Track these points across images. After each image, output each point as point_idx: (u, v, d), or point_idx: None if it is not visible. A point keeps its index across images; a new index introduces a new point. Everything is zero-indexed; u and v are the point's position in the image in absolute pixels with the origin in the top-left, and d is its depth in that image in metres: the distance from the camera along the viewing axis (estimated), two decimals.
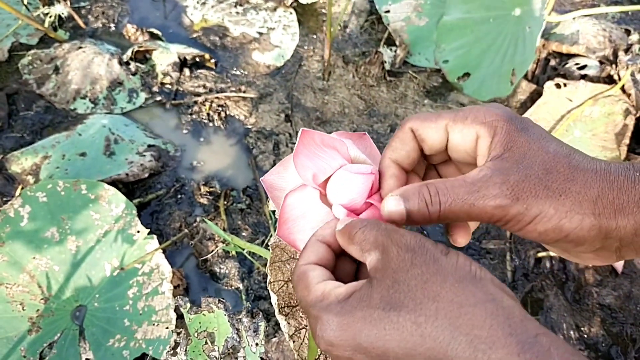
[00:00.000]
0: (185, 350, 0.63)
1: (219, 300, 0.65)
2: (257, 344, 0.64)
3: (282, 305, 0.59)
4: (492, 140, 0.37)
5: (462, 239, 0.41)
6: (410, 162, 0.42)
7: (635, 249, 0.36)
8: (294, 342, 0.59)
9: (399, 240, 0.35)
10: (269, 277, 0.59)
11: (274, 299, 0.59)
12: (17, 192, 1.27)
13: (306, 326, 0.61)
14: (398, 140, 0.41)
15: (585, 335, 1.21)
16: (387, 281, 0.33)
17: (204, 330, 0.65)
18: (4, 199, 1.30)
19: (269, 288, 0.58)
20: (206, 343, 0.64)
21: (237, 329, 0.62)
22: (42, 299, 1.14)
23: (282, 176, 0.46)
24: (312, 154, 0.43)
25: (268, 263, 0.60)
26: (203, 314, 0.64)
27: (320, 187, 0.44)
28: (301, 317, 0.60)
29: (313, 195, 0.43)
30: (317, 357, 0.59)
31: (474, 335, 0.29)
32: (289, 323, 0.59)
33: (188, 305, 0.63)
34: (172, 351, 0.64)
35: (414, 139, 0.41)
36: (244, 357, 0.63)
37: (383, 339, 0.31)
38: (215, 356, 0.63)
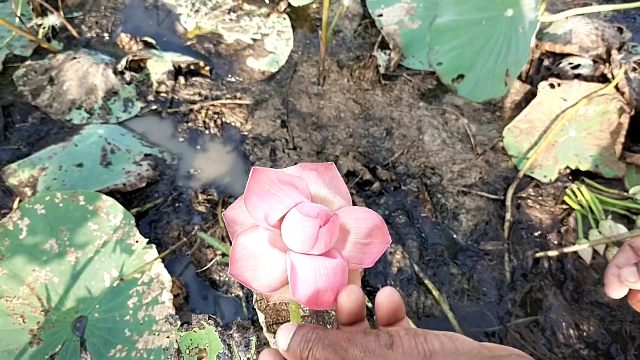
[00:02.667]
0: None
1: (209, 316, 0.65)
2: (248, 359, 0.64)
3: (270, 323, 0.59)
4: None
5: None
6: None
7: None
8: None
9: (345, 357, 0.36)
10: (255, 296, 0.59)
11: (261, 317, 0.59)
12: (15, 205, 1.27)
13: None
14: None
15: (585, 334, 1.21)
16: None
17: (196, 347, 0.65)
18: (2, 211, 1.30)
19: (255, 307, 0.58)
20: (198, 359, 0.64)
21: (229, 345, 0.62)
22: (42, 311, 1.14)
23: (243, 210, 0.44)
24: (265, 193, 0.42)
25: None
26: (194, 331, 0.64)
27: (276, 226, 0.43)
28: None
29: (263, 237, 0.42)
30: None
31: None
32: None
33: (178, 322, 0.63)
34: None
35: None
36: None
37: None
38: None
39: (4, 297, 1.13)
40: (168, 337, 1.11)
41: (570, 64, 1.62)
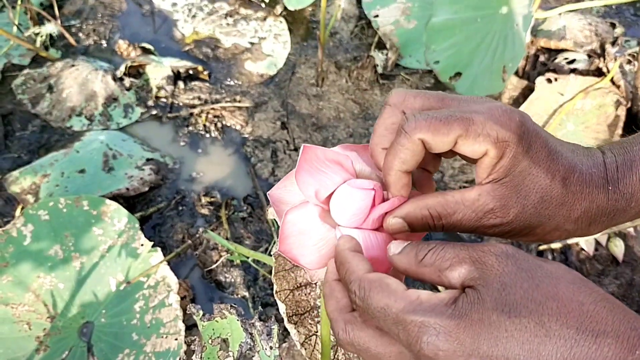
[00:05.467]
0: (201, 358, 0.63)
1: (231, 305, 0.65)
2: (271, 347, 0.64)
3: (291, 314, 0.59)
4: (497, 163, 0.38)
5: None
6: (416, 165, 0.42)
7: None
8: (305, 349, 0.59)
9: (492, 249, 0.34)
10: (275, 287, 0.59)
11: (282, 307, 0.59)
12: (18, 212, 1.27)
13: (316, 333, 0.61)
14: (408, 152, 0.40)
15: None
16: (495, 285, 0.32)
17: (218, 337, 0.65)
18: (4, 219, 1.29)
19: (275, 297, 0.58)
20: (221, 349, 0.64)
21: (251, 334, 0.63)
22: (48, 317, 1.13)
23: (288, 190, 0.45)
24: (314, 170, 0.43)
25: (272, 272, 0.60)
26: (216, 320, 0.64)
27: (324, 203, 0.44)
28: (310, 324, 0.60)
29: (313, 213, 0.43)
30: None
31: (599, 331, 0.29)
32: (298, 331, 0.59)
33: (200, 312, 0.63)
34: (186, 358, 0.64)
35: (423, 149, 0.40)
36: None
37: (504, 342, 0.30)
38: None
39: (9, 304, 1.12)
40: (176, 339, 1.11)
41: (566, 59, 1.63)
